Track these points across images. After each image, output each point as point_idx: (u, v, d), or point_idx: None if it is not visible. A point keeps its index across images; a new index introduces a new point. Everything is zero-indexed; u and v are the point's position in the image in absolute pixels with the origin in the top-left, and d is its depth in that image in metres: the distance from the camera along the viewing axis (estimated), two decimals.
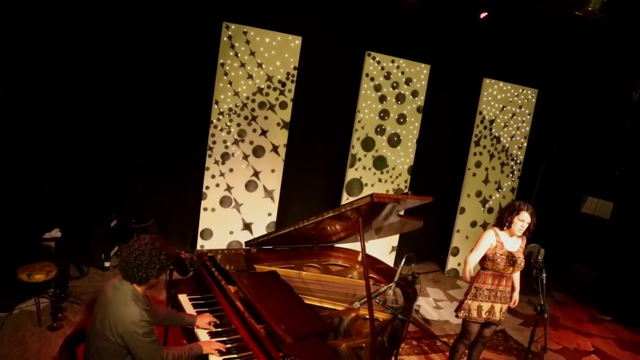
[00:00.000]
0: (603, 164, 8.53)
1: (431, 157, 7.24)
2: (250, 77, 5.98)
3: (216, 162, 6.01)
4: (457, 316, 4.15)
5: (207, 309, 3.30)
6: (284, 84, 6.13)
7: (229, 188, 6.12)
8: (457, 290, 6.88)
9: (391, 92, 6.67)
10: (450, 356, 4.39)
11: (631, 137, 8.24)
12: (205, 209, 6.06)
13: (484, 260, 4.04)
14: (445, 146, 7.42)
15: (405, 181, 6.94)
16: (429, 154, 7.20)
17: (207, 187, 6.03)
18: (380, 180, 6.80)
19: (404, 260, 3.54)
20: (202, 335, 3.05)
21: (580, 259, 8.47)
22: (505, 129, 7.42)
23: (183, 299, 3.42)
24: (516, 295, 4.28)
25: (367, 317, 3.30)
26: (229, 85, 5.90)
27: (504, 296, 4.12)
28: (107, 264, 5.64)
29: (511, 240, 4.05)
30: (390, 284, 3.30)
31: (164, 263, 2.63)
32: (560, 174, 8.35)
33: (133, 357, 2.57)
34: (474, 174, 7.29)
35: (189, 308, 3.33)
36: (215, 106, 5.90)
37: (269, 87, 6.08)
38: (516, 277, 4.24)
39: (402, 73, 6.68)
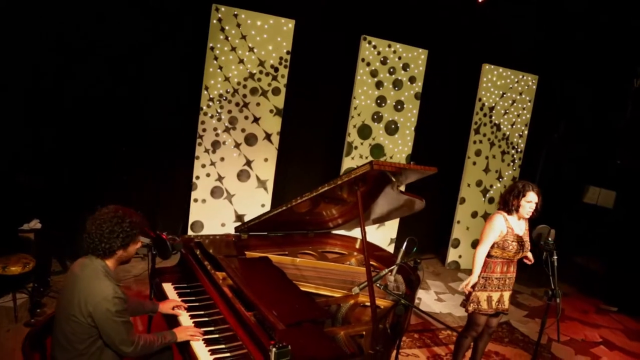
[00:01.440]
0: (605, 153, 8.33)
1: (430, 146, 7.01)
2: (241, 61, 5.73)
3: (206, 150, 5.76)
4: (466, 310, 3.89)
5: (193, 298, 3.05)
6: (276, 69, 5.88)
7: (220, 178, 5.86)
8: (458, 283, 6.64)
9: (388, 78, 6.43)
10: (456, 349, 4.14)
11: (633, 125, 8.05)
12: (195, 200, 5.80)
13: (491, 247, 3.79)
14: (444, 134, 7.20)
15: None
16: (427, 142, 6.97)
17: (197, 177, 5.78)
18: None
19: (405, 243, 3.29)
20: (186, 323, 2.80)
21: (583, 250, 8.26)
22: (506, 116, 7.19)
23: (168, 288, 3.16)
24: (530, 254, 3.94)
25: (367, 304, 3.07)
26: (219, 70, 5.66)
27: (511, 283, 3.89)
28: None
29: (519, 224, 3.82)
30: (392, 267, 3.06)
31: (128, 232, 2.39)
32: (562, 163, 8.14)
33: (104, 341, 2.31)
34: (474, 163, 7.06)
35: (173, 297, 3.07)
36: (205, 92, 5.65)
37: (261, 72, 5.83)
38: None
39: (399, 58, 6.45)
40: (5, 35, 4.62)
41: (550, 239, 3.40)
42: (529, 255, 3.99)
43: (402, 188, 3.10)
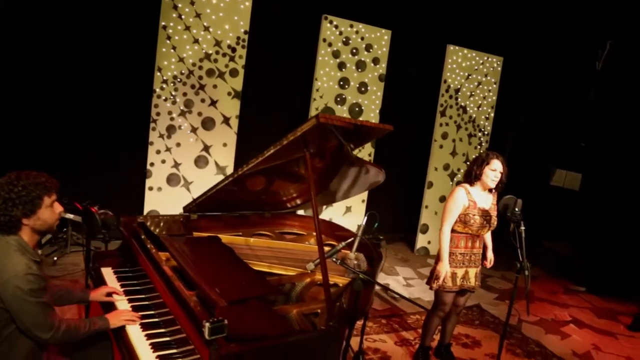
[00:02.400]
0: (570, 136, 8.34)
1: (395, 129, 6.79)
2: (196, 41, 5.45)
3: (161, 135, 5.46)
4: (430, 288, 3.72)
5: (135, 282, 2.79)
6: (234, 50, 5.62)
7: (176, 164, 5.58)
8: (428, 269, 6.49)
9: (351, 59, 6.24)
10: (424, 331, 3.96)
11: (596, 107, 8.08)
12: (150, 189, 5.50)
13: (454, 222, 3.63)
14: (410, 117, 7.05)
15: (369, 154, 6.52)
16: (393, 125, 6.76)
17: (152, 164, 5.48)
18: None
19: (365, 218, 3.09)
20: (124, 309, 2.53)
21: (551, 234, 8.24)
22: (472, 99, 7.08)
23: (107, 272, 2.89)
24: (490, 254, 3.90)
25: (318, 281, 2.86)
26: (172, 51, 5.37)
27: (477, 259, 3.74)
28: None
29: (483, 197, 3.66)
30: (348, 240, 2.85)
31: (25, 196, 2.07)
32: (528, 146, 8.10)
33: (17, 326, 2.04)
34: (441, 146, 6.93)
35: (112, 282, 2.80)
36: (158, 73, 5.35)
37: (217, 52, 5.56)
38: (487, 235, 3.86)
39: (362, 39, 6.26)
40: None
41: (517, 209, 3.25)
42: (489, 256, 3.88)
43: (353, 147, 2.86)
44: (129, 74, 5.46)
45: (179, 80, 5.44)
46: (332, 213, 6.40)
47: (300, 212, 4.53)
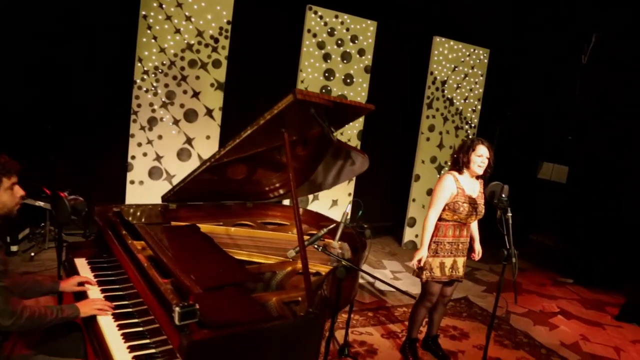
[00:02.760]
0: (557, 129, 8.32)
1: (382, 121, 6.77)
2: (177, 31, 5.34)
3: (142, 128, 5.34)
4: (421, 280, 3.65)
5: (110, 272, 2.68)
6: (216, 40, 5.51)
7: (158, 157, 5.46)
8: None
9: (336, 50, 6.15)
10: (411, 322, 3.89)
11: (582, 100, 8.06)
12: (131, 182, 5.38)
13: (442, 210, 3.56)
14: (396, 109, 6.98)
15: (356, 147, 6.43)
16: (379, 118, 6.70)
17: (133, 157, 5.36)
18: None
19: (348, 206, 3.01)
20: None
21: (539, 227, 8.22)
22: (458, 91, 7.03)
23: (80, 263, 2.78)
24: (478, 246, 3.85)
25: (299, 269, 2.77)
26: (153, 41, 5.25)
27: (465, 248, 3.67)
28: (14, 248, 4.85)
29: (471, 184, 3.60)
30: (330, 226, 2.76)
31: None
32: (516, 139, 8.07)
33: None
34: (428, 139, 6.87)
35: (86, 273, 2.69)
36: (139, 64, 5.23)
37: (199, 43, 5.45)
38: (474, 226, 3.80)
39: (347, 30, 6.18)
40: None
41: (503, 195, 3.18)
42: (477, 248, 3.82)
43: (334, 130, 2.77)
44: (108, 64, 5.33)
45: (160, 71, 5.32)
46: (318, 206, 6.31)
47: (286, 202, 4.46)
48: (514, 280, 3.16)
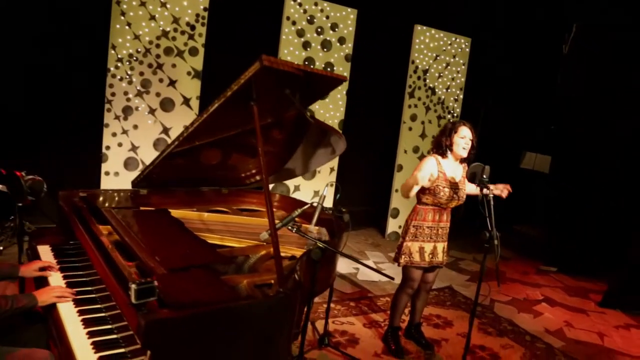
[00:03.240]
0: (539, 118, 8.31)
1: (364, 111, 6.69)
2: (152, 18, 5.19)
3: (117, 117, 5.19)
4: (398, 264, 3.57)
5: (74, 258, 2.55)
6: (193, 27, 5.37)
7: (134, 148, 5.31)
8: None
9: (316, 39, 6.04)
10: (393, 310, 3.81)
11: (564, 90, 8.05)
12: (106, 173, 5.23)
13: (422, 193, 3.48)
14: (378, 98, 6.90)
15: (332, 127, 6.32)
16: (361, 107, 6.64)
17: (108, 148, 5.20)
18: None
19: (325, 188, 2.91)
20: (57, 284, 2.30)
21: (522, 217, 8.21)
22: (440, 80, 6.96)
23: (43, 250, 2.64)
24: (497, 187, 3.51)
25: (281, 254, 2.66)
26: (127, 27, 5.09)
27: (445, 233, 3.59)
28: None
29: (453, 168, 3.52)
30: (305, 206, 2.66)
31: None
32: (498, 129, 8.04)
33: None
34: (410, 128, 6.80)
35: (49, 259, 2.55)
36: (112, 51, 5.07)
37: (175, 30, 5.31)
38: (470, 192, 3.60)
39: (327, 17, 6.07)
40: None
41: (484, 176, 3.11)
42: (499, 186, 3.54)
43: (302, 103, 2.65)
44: (80, 51, 5.16)
45: (134, 58, 5.17)
46: (300, 197, 6.19)
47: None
48: (497, 263, 3.08)
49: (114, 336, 1.87)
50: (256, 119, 2.20)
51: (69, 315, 2.01)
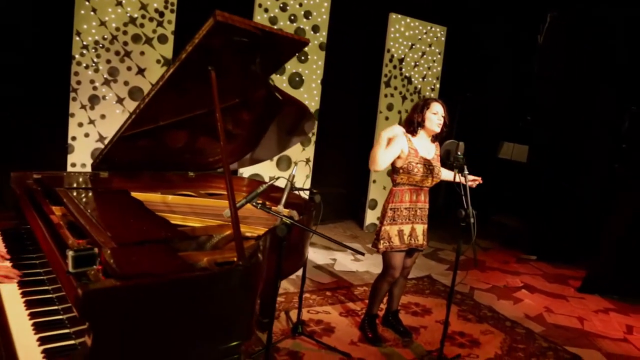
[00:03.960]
0: (516, 109, 8.30)
1: (339, 100, 6.59)
2: (119, 4, 5.01)
3: (83, 107, 5.00)
4: (378, 250, 3.45)
5: (25, 243, 2.38)
6: (162, 14, 5.21)
7: (101, 138, 5.13)
8: None
9: (289, 27, 5.92)
10: (372, 298, 3.69)
11: (540, 80, 8.03)
12: (73, 165, 5.04)
13: (396, 174, 3.39)
14: (353, 87, 6.80)
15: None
16: (336, 96, 6.53)
17: (74, 138, 5.01)
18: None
19: (294, 168, 2.78)
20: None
21: (501, 207, 8.18)
22: (416, 69, 6.89)
23: None
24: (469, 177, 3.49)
25: (247, 235, 2.54)
26: (92, 13, 4.91)
27: (423, 214, 3.49)
28: None
29: (426, 147, 3.43)
30: (270, 182, 2.53)
31: None
32: (475, 120, 7.99)
33: None
34: (387, 118, 6.71)
35: None
36: (77, 38, 4.89)
37: (143, 17, 5.14)
38: (445, 178, 3.53)
39: (300, 5, 5.95)
40: None
41: (459, 153, 3.02)
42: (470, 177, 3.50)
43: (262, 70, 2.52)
44: (42, 38, 4.95)
45: (101, 45, 4.99)
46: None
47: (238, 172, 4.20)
48: (473, 242, 2.99)
49: (59, 317, 1.72)
50: (214, 85, 2.06)
51: (11, 296, 1.85)
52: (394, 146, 3.23)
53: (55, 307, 1.78)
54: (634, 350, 4.06)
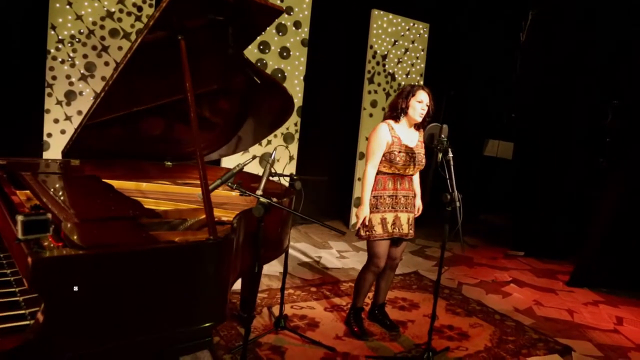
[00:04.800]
0: (501, 106, 8.28)
1: (322, 97, 6.50)
2: None
3: (59, 102, 4.86)
4: (360, 237, 3.36)
5: None
6: (140, 9, 5.10)
7: None
8: (363, 243, 6.16)
9: None
10: (357, 290, 3.57)
11: (523, 78, 8.03)
12: None
13: (380, 162, 3.30)
14: (337, 84, 6.72)
15: (295, 124, 6.12)
16: (319, 93, 6.44)
17: (50, 135, 4.86)
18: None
19: (274, 152, 2.67)
20: None
21: (488, 205, 8.13)
22: (400, 65, 6.84)
23: None
24: (418, 202, 3.59)
25: (223, 219, 2.42)
26: (68, 7, 4.78)
27: (408, 202, 3.40)
28: None
29: (409, 134, 3.36)
30: (246, 161, 2.42)
31: None
32: (460, 117, 7.95)
33: None
34: (371, 115, 6.63)
35: None
36: (52, 32, 4.75)
37: (121, 11, 5.02)
38: (415, 181, 3.55)
39: (282, 0, 5.86)
40: None
41: (443, 135, 2.93)
42: (417, 203, 3.56)
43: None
44: (15, 31, 4.80)
45: (77, 40, 4.86)
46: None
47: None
48: (459, 226, 2.90)
49: (15, 299, 1.59)
50: (184, 56, 1.95)
51: None
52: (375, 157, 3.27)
53: (13, 289, 1.66)
54: (624, 341, 3.99)
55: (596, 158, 6.49)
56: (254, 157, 2.51)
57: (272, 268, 4.63)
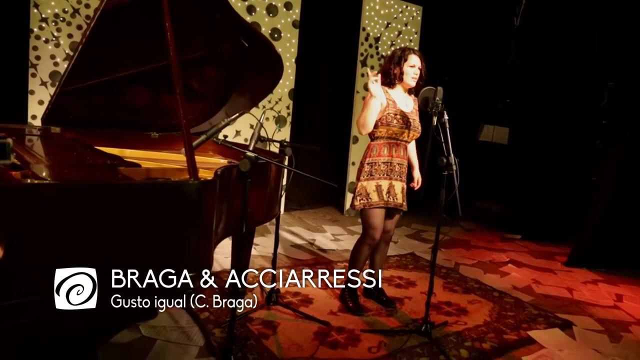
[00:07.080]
0: (495, 91, 8.20)
1: (315, 79, 6.39)
2: None
3: (43, 83, 4.73)
4: (355, 207, 3.26)
5: None
6: None
7: None
8: (358, 227, 6.05)
9: (260, 3, 5.72)
10: (351, 264, 3.47)
11: (517, 63, 7.95)
12: None
13: (375, 127, 3.21)
14: (329, 66, 6.61)
15: (287, 107, 6.00)
16: (311, 76, 6.33)
17: (34, 117, 4.73)
18: (257, 105, 5.80)
19: (262, 115, 2.56)
20: None
21: (484, 190, 8.05)
22: (393, 48, 6.72)
23: None
24: (417, 174, 3.50)
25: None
26: None
27: (402, 171, 3.31)
28: None
29: (403, 99, 3.27)
30: (234, 116, 2.30)
31: None
32: (455, 103, 7.86)
33: None
34: (364, 98, 6.50)
35: None
36: (35, 10, 4.62)
37: None
38: (412, 151, 3.45)
39: None
40: None
41: (437, 98, 2.84)
42: (416, 175, 3.47)
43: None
44: None
45: (61, 19, 4.73)
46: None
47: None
48: (455, 191, 2.80)
49: None
50: (166, 16, 1.83)
51: None
52: (374, 104, 3.09)
53: None
54: (625, 316, 3.91)
55: (592, 141, 6.43)
56: (243, 113, 2.39)
57: (267, 250, 4.53)
